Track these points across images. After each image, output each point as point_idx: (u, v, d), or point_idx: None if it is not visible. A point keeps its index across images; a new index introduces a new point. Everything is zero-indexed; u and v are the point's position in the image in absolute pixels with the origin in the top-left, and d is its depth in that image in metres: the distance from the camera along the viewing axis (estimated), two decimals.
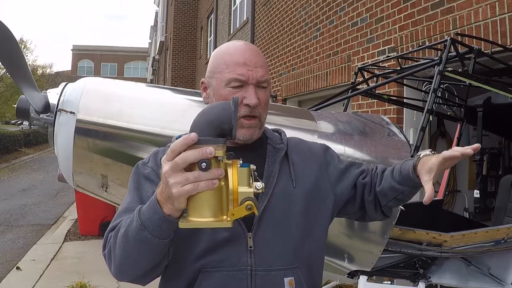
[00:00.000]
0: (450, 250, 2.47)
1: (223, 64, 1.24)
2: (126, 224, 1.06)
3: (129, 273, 1.12)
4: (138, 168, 1.26)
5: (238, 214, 0.92)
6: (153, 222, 0.99)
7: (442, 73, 2.47)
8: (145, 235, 1.00)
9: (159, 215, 0.99)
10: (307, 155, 1.33)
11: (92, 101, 2.21)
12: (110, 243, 1.11)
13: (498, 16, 3.25)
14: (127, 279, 1.13)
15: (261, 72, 1.23)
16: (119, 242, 1.07)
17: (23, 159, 19.92)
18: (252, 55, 1.25)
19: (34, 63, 33.15)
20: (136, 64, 55.49)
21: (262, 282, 1.16)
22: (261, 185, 0.97)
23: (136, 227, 1.01)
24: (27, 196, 10.71)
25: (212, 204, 0.92)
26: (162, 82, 25.26)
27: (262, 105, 1.24)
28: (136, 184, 1.22)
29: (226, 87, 1.23)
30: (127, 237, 1.04)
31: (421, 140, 2.37)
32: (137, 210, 1.04)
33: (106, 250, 1.13)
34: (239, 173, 0.95)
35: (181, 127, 1.88)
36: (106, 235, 1.15)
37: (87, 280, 4.62)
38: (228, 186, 0.93)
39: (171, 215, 0.98)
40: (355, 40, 5.21)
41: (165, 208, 0.98)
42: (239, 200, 0.93)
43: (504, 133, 4.87)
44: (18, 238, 6.97)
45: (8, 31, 2.25)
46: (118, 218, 1.16)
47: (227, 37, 13.14)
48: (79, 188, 2.38)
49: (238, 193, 0.93)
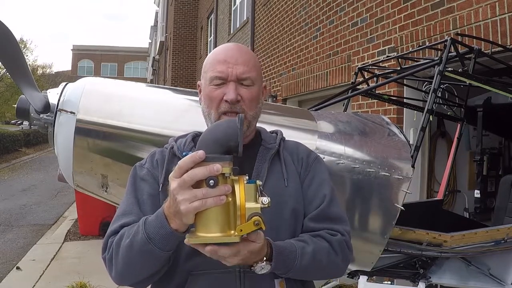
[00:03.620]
0: (450, 250, 2.47)
1: (208, 64, 1.28)
2: (130, 234, 1.07)
3: (131, 279, 1.13)
4: (136, 170, 1.28)
5: (246, 229, 0.94)
6: (160, 236, 1.02)
7: (442, 73, 2.47)
8: (151, 248, 1.03)
9: (166, 230, 1.01)
10: (299, 157, 1.32)
11: (92, 101, 2.21)
12: (112, 250, 1.12)
13: (498, 16, 3.25)
14: (127, 284, 1.15)
15: (241, 68, 1.22)
16: (123, 252, 1.08)
17: (23, 159, 19.92)
18: (235, 52, 1.25)
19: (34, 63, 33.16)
20: (136, 64, 55.48)
21: (251, 284, 1.16)
22: (267, 200, 0.97)
23: (142, 240, 1.03)
24: (27, 196, 10.71)
25: (220, 220, 0.94)
26: (162, 82, 25.26)
27: (246, 102, 1.23)
28: (133, 186, 1.24)
29: (209, 85, 1.25)
30: (132, 247, 1.06)
31: (421, 140, 2.37)
32: (142, 222, 1.06)
33: (108, 256, 1.14)
34: (246, 189, 0.96)
35: (181, 127, 1.89)
36: (106, 240, 1.16)
37: (87, 280, 4.61)
38: (236, 201, 0.95)
39: (178, 230, 1.00)
40: (355, 40, 5.21)
41: (172, 223, 1.00)
42: (247, 216, 0.95)
43: (504, 133, 4.87)
44: (18, 238, 6.96)
45: (8, 31, 2.25)
46: (117, 222, 1.17)
47: (227, 37, 13.14)
48: (79, 188, 2.38)
49: (246, 208, 0.95)
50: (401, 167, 2.23)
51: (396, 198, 2.20)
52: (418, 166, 3.68)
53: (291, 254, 1.11)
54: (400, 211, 2.15)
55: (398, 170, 2.22)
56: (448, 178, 3.61)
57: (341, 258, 1.20)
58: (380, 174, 2.20)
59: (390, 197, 2.22)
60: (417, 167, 3.38)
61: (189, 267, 1.17)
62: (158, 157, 1.28)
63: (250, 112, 1.25)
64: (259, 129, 1.37)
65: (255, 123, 1.30)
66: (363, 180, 2.19)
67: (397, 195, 2.20)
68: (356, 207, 2.21)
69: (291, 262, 1.10)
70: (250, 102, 1.25)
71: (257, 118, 1.30)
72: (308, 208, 1.24)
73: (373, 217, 2.24)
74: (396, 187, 2.20)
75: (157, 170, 1.25)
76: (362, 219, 2.24)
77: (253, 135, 1.33)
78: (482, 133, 4.12)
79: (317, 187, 1.26)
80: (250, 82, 1.24)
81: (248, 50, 1.31)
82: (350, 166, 2.20)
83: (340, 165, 2.18)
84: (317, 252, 1.15)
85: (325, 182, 1.29)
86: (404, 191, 2.18)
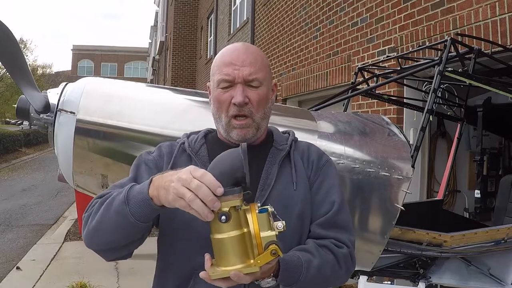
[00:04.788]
0: (450, 250, 2.47)
1: (215, 66, 1.27)
2: (114, 195, 1.10)
3: (98, 241, 1.14)
4: (142, 155, 1.31)
5: (264, 260, 0.96)
6: (136, 200, 1.04)
7: (442, 73, 2.47)
8: (125, 210, 1.05)
9: (143, 195, 1.04)
10: (310, 160, 1.30)
11: (92, 101, 2.21)
12: (93, 208, 1.14)
13: (498, 16, 3.25)
14: (94, 247, 1.16)
15: (248, 70, 1.21)
16: (102, 209, 1.11)
17: (23, 159, 19.92)
18: (242, 54, 1.24)
19: (34, 63, 33.18)
20: (136, 64, 55.48)
21: (256, 284, 1.15)
22: (282, 224, 0.98)
23: (120, 200, 1.06)
24: (27, 196, 10.71)
25: (237, 252, 0.96)
26: (162, 82, 25.26)
27: (254, 104, 1.23)
28: (136, 167, 1.27)
29: (217, 88, 1.25)
30: (110, 205, 1.09)
31: (421, 140, 2.37)
32: (130, 184, 1.10)
33: (87, 214, 1.16)
34: (259, 219, 0.97)
35: (181, 127, 1.89)
36: (92, 200, 1.18)
37: (87, 280, 4.61)
38: (250, 231, 0.97)
39: (153, 199, 1.03)
40: (355, 40, 5.21)
41: (152, 190, 1.03)
42: (263, 244, 0.96)
43: (504, 133, 4.87)
44: (18, 238, 6.97)
45: (8, 31, 2.25)
46: (110, 189, 1.20)
47: (227, 37, 13.14)
48: (79, 188, 2.38)
49: (261, 238, 0.97)
50: (401, 167, 2.23)
51: (396, 198, 2.20)
52: (418, 166, 3.67)
53: (297, 269, 1.11)
54: (400, 211, 2.15)
55: (398, 170, 2.22)
56: (448, 178, 3.60)
57: (344, 271, 1.21)
58: (380, 174, 2.20)
59: (390, 197, 2.22)
60: (417, 167, 3.38)
61: (195, 265, 1.17)
62: (166, 150, 1.30)
63: (258, 114, 1.24)
64: (271, 128, 1.36)
65: (264, 124, 1.28)
66: (363, 180, 2.19)
67: (397, 195, 2.20)
68: (356, 207, 2.21)
69: (297, 276, 1.11)
70: (258, 103, 1.23)
71: (267, 119, 1.28)
72: (316, 214, 1.24)
73: (373, 217, 2.24)
74: (396, 187, 2.20)
75: (162, 160, 1.27)
76: (362, 219, 2.23)
77: (264, 136, 1.31)
78: (482, 133, 4.12)
79: (326, 193, 1.26)
80: (258, 83, 1.23)
81: (255, 49, 1.30)
82: (350, 166, 2.20)
83: (340, 165, 2.18)
84: (322, 266, 1.15)
85: (334, 187, 1.28)
86: (404, 191, 2.18)
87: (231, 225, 0.96)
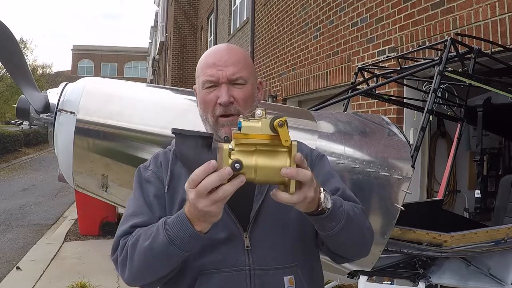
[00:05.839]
0: (450, 250, 2.47)
1: (200, 68, 1.28)
2: (149, 236, 1.08)
3: (145, 280, 1.14)
4: (140, 172, 1.29)
5: (283, 136, 0.95)
6: (182, 239, 1.03)
7: (442, 73, 2.47)
8: (173, 250, 1.04)
9: (189, 231, 1.02)
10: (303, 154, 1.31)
11: (92, 101, 2.21)
12: (126, 252, 1.13)
13: (498, 16, 3.25)
14: (140, 284, 1.16)
15: (232, 69, 1.23)
16: (141, 254, 1.09)
17: (23, 159, 19.92)
18: (225, 54, 1.25)
19: (34, 63, 33.18)
20: (136, 64, 55.49)
21: (261, 281, 1.16)
22: (260, 111, 0.97)
23: (163, 242, 1.04)
24: (27, 196, 10.71)
25: (271, 163, 0.96)
26: (162, 82, 25.26)
27: (240, 102, 1.24)
28: (140, 188, 1.25)
29: (202, 90, 1.26)
30: (151, 250, 1.06)
31: (421, 140, 2.37)
32: (162, 224, 1.06)
33: (120, 258, 1.14)
34: (246, 131, 0.96)
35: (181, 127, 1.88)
36: (117, 241, 1.16)
37: (87, 280, 4.62)
38: (257, 143, 0.96)
39: (202, 231, 1.03)
40: (355, 40, 5.21)
41: (197, 226, 1.02)
42: (271, 125, 0.95)
43: (504, 133, 4.87)
44: (18, 238, 6.97)
45: (8, 31, 2.25)
46: (126, 222, 1.18)
47: (227, 37, 13.14)
48: (79, 188, 2.38)
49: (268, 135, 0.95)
50: (401, 167, 2.23)
51: (396, 198, 2.20)
52: (418, 166, 3.68)
53: (337, 199, 1.13)
54: (400, 211, 2.15)
55: (398, 170, 2.22)
56: (448, 178, 3.61)
57: (368, 226, 1.24)
58: (380, 174, 2.20)
59: (390, 197, 2.22)
60: (417, 167, 3.38)
61: (199, 266, 1.17)
62: (162, 159, 1.29)
63: (245, 112, 1.24)
64: None
65: None
66: (363, 180, 2.19)
67: (397, 195, 2.20)
68: None
69: (340, 204, 1.12)
70: (245, 101, 1.25)
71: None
72: None
73: (373, 217, 2.24)
74: (396, 187, 2.21)
75: (161, 171, 1.26)
76: None
77: None
78: (482, 133, 4.12)
79: (326, 181, 1.27)
80: (243, 81, 1.25)
81: (238, 49, 1.31)
82: (350, 166, 2.20)
83: (340, 165, 2.18)
84: (352, 208, 1.17)
85: (333, 176, 1.30)
86: (404, 191, 2.18)
87: (246, 163, 0.95)
